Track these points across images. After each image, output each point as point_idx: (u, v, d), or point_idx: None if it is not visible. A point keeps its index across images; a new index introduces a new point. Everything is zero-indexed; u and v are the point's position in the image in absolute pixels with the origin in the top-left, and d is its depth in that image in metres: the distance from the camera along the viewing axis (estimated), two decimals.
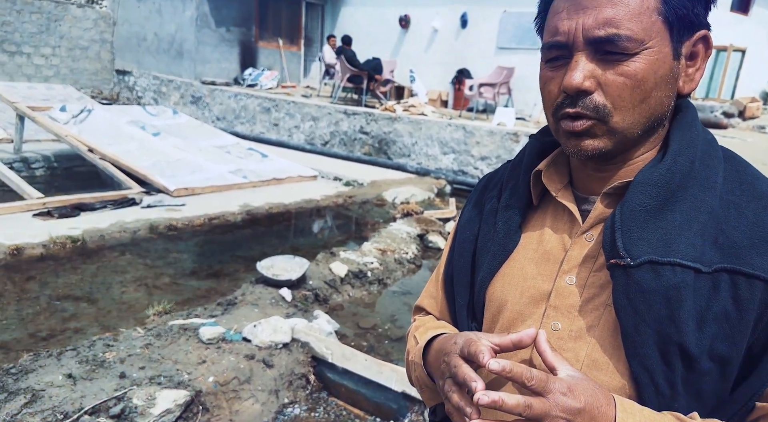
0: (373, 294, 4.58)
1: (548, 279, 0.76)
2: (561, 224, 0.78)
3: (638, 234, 0.67)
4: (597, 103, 0.67)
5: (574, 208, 0.76)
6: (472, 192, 0.95)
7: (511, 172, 0.86)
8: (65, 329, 3.30)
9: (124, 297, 3.80)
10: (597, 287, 0.71)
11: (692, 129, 0.73)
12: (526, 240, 0.81)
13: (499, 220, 0.83)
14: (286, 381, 2.97)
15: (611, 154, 0.71)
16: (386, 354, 3.52)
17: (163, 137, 7.40)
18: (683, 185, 0.68)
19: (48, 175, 6.79)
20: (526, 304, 0.76)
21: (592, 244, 0.73)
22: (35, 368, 2.58)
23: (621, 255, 0.66)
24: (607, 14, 0.65)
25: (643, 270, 0.65)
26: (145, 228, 4.92)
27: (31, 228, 4.46)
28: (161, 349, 2.87)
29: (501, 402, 0.59)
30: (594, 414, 0.60)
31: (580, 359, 0.70)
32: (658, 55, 0.67)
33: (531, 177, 0.81)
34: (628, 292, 0.66)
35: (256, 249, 5.10)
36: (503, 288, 0.80)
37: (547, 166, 0.80)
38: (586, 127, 0.68)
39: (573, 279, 0.73)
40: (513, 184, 0.84)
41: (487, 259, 0.82)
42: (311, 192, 7.09)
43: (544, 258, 0.78)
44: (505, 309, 0.78)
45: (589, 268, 0.73)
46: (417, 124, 8.45)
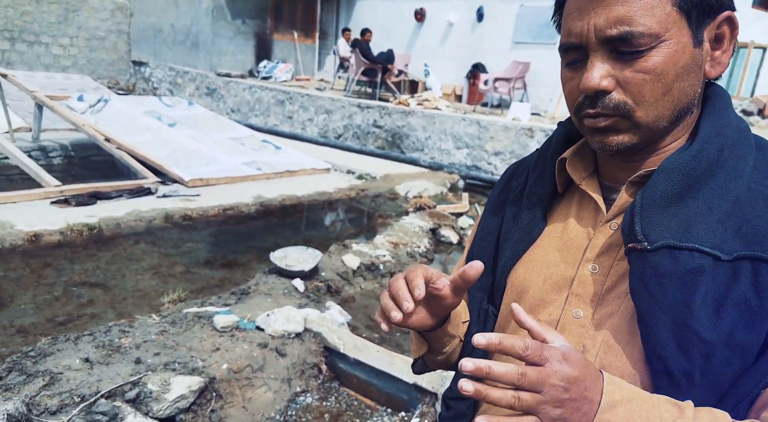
0: (385, 286, 4.59)
1: (571, 267, 0.76)
2: (586, 213, 0.78)
3: (657, 219, 0.66)
4: (617, 101, 0.67)
5: (599, 197, 0.76)
6: (499, 180, 0.96)
7: (538, 160, 0.86)
8: (82, 315, 3.35)
9: (140, 285, 3.85)
10: (619, 276, 0.71)
11: (723, 116, 0.72)
12: (550, 228, 0.81)
13: (524, 208, 0.83)
14: (299, 370, 2.99)
15: (638, 148, 0.71)
16: (397, 346, 3.53)
17: (179, 128, 7.46)
18: (709, 172, 0.67)
19: (65, 163, 6.87)
20: (549, 291, 0.76)
21: (615, 233, 0.73)
22: (53, 351, 2.62)
23: (639, 239, 0.66)
24: (618, 12, 0.64)
25: (660, 254, 0.64)
26: (160, 217, 4.96)
27: (49, 216, 4.53)
28: (176, 336, 2.91)
29: (488, 370, 0.55)
30: (587, 384, 0.58)
31: (597, 345, 0.70)
32: (676, 46, 0.66)
33: (556, 165, 0.81)
34: (643, 276, 0.65)
35: (269, 240, 5.13)
36: (526, 274, 0.80)
37: (572, 154, 0.80)
38: (609, 124, 0.68)
39: (596, 268, 0.73)
40: (539, 172, 0.84)
41: (510, 245, 0.83)
42: (324, 184, 7.11)
43: (567, 245, 0.78)
44: (527, 295, 0.79)
45: (612, 257, 0.73)
46: (431, 118, 8.43)
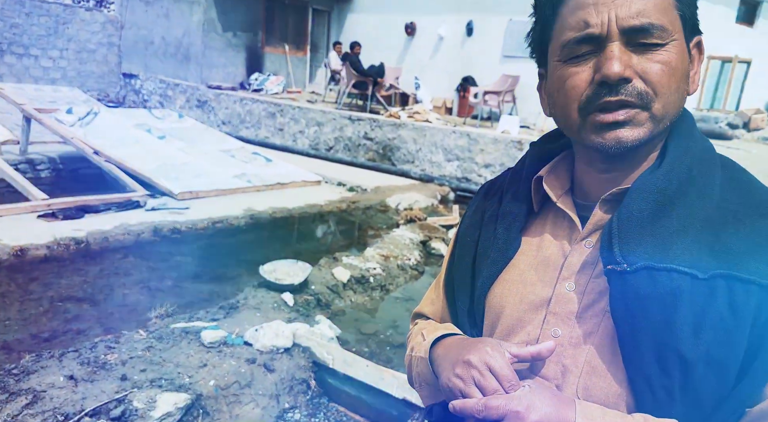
0: (375, 299, 4.57)
1: (548, 286, 0.76)
2: (561, 230, 0.78)
3: (635, 240, 0.67)
4: (640, 89, 0.66)
5: (574, 215, 0.76)
6: (473, 198, 0.95)
7: (513, 179, 0.86)
8: (67, 330, 3.31)
9: (127, 300, 3.81)
10: (596, 293, 0.71)
11: (690, 136, 0.73)
12: (526, 246, 0.81)
13: (499, 226, 0.83)
14: (287, 386, 2.96)
15: (646, 147, 0.71)
16: (387, 360, 3.51)
17: (169, 140, 7.43)
18: (681, 191, 0.68)
19: (53, 176, 6.82)
20: (526, 310, 0.77)
21: (591, 251, 0.73)
22: (37, 369, 2.58)
23: (618, 261, 0.66)
24: (638, 6, 0.66)
25: (639, 275, 0.65)
26: (148, 230, 4.93)
27: (36, 230, 4.48)
28: (162, 352, 2.88)
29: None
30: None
31: (579, 365, 0.70)
32: (681, 48, 0.68)
33: (532, 183, 0.81)
34: (624, 298, 0.66)
35: (259, 254, 5.10)
36: (503, 294, 0.80)
37: (548, 172, 0.80)
38: (629, 116, 0.67)
39: (572, 286, 0.73)
40: (514, 190, 0.84)
41: (486, 265, 0.82)
42: (315, 197, 7.09)
43: (543, 264, 0.78)
44: (503, 315, 0.79)
45: (588, 275, 0.73)
46: (421, 131, 8.47)
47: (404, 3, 12.03)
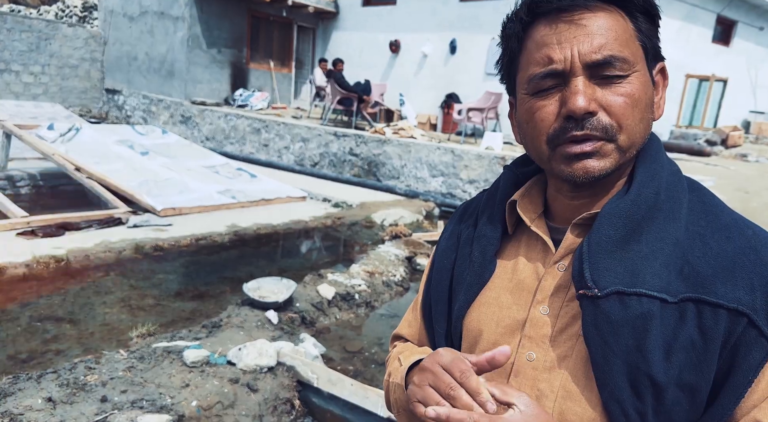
0: (361, 316, 4.55)
1: (523, 309, 0.76)
2: (534, 253, 0.79)
3: (605, 264, 0.68)
4: (604, 123, 0.68)
5: (548, 238, 0.78)
6: (449, 221, 0.96)
7: (487, 202, 0.87)
8: (46, 351, 3.24)
9: (108, 319, 3.74)
10: (570, 317, 0.72)
11: (657, 160, 0.74)
12: (501, 269, 0.81)
13: (474, 249, 0.84)
14: (271, 406, 2.93)
15: (613, 175, 0.72)
16: (372, 378, 3.48)
17: (152, 156, 7.38)
18: (649, 216, 0.69)
19: (33, 193, 6.72)
20: (502, 334, 0.77)
21: (564, 274, 0.74)
22: (14, 391, 2.52)
23: (589, 286, 0.67)
24: (599, 41, 0.67)
25: (610, 300, 0.66)
26: (130, 248, 4.87)
27: (15, 248, 4.40)
28: (144, 372, 2.83)
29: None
30: None
31: (555, 389, 0.71)
32: (644, 78, 0.70)
33: (506, 206, 0.82)
34: (596, 323, 0.67)
35: (243, 271, 5.06)
36: (479, 318, 0.80)
37: (521, 195, 0.82)
38: (596, 148, 0.69)
39: (546, 310, 0.74)
40: (489, 214, 0.85)
41: (463, 289, 0.83)
42: (300, 213, 7.08)
43: (518, 287, 0.78)
44: (481, 339, 0.79)
45: (561, 298, 0.74)
46: (406, 147, 8.52)
47: (388, 21, 12.18)
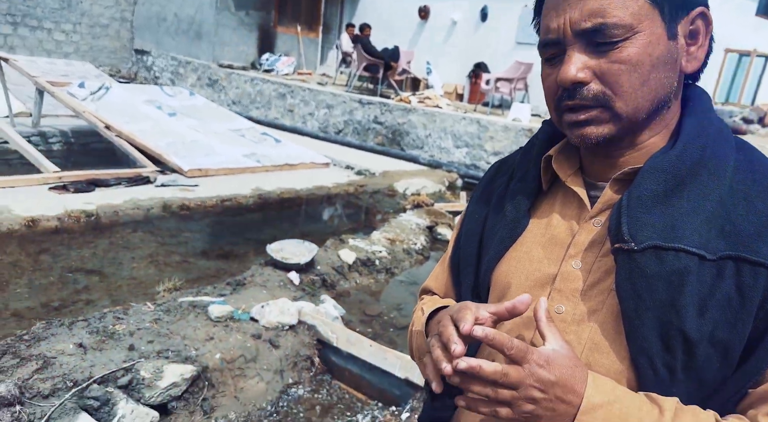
0: (380, 282, 4.61)
1: (554, 263, 0.77)
2: (569, 210, 0.79)
3: (644, 219, 0.67)
4: (595, 91, 0.69)
5: (583, 194, 0.78)
6: (481, 179, 0.97)
7: (522, 158, 0.88)
8: (77, 300, 3.36)
9: (135, 273, 3.85)
10: (602, 272, 0.72)
11: (705, 116, 0.73)
12: (534, 225, 0.82)
13: (508, 205, 0.84)
14: (291, 362, 3.01)
15: (617, 140, 0.72)
16: (391, 342, 3.54)
17: (179, 118, 7.45)
18: (693, 172, 0.69)
19: (65, 150, 6.86)
20: (531, 287, 0.78)
21: (599, 229, 0.74)
22: (47, 336, 2.63)
23: (625, 239, 0.67)
24: (591, 6, 0.66)
25: (646, 255, 0.66)
26: (158, 206, 4.97)
27: (47, 201, 4.53)
28: (170, 324, 2.92)
29: (478, 369, 0.62)
30: (566, 389, 0.63)
31: (582, 342, 0.71)
32: (650, 38, 0.68)
33: (542, 162, 0.82)
34: (631, 277, 0.67)
35: (266, 233, 5.14)
36: (509, 271, 0.81)
37: (557, 151, 0.82)
38: (589, 117, 0.70)
39: (579, 264, 0.75)
40: (524, 170, 0.86)
41: (494, 243, 0.84)
42: (323, 179, 7.11)
43: (551, 242, 0.79)
44: (509, 292, 0.80)
45: (595, 253, 0.74)
46: (431, 116, 8.43)
47: None
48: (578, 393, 0.63)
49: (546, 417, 0.63)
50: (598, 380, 0.65)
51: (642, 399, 0.64)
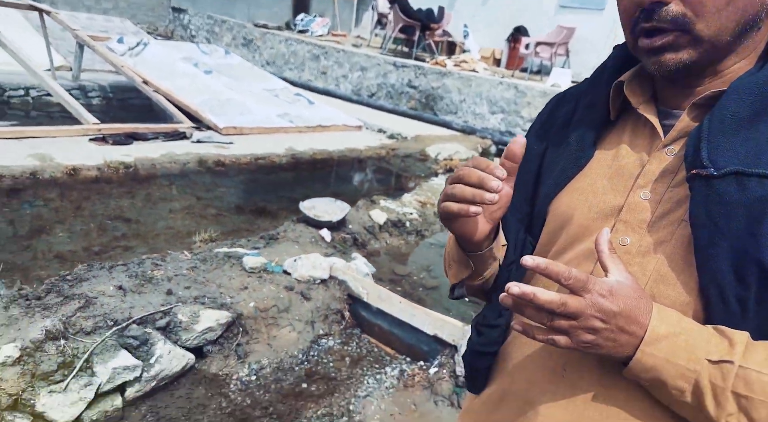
0: (410, 244, 4.61)
1: (620, 194, 0.74)
2: (640, 140, 0.76)
3: (726, 144, 0.63)
4: (674, 12, 0.64)
5: (656, 122, 0.73)
6: (543, 109, 0.92)
7: (590, 86, 0.83)
8: (116, 246, 3.46)
9: (172, 223, 3.94)
10: (673, 202, 0.69)
11: None
12: (600, 155, 0.78)
13: (572, 134, 0.81)
14: (322, 315, 3.05)
15: (698, 66, 0.68)
16: (420, 301, 3.56)
17: (215, 76, 7.47)
18: None
19: (103, 104, 6.98)
20: (594, 219, 0.74)
21: (673, 159, 0.71)
22: (89, 277, 2.72)
23: (704, 164, 0.63)
24: None
25: (726, 181, 0.62)
26: (194, 161, 5.03)
27: (87, 152, 4.63)
28: (206, 273, 2.99)
29: (532, 296, 0.59)
30: (629, 320, 0.60)
31: (647, 273, 0.68)
32: None
33: (612, 89, 0.78)
34: (707, 204, 0.63)
35: (298, 192, 5.17)
36: (570, 203, 0.78)
37: (630, 77, 0.77)
38: (666, 42, 0.66)
39: (648, 194, 0.71)
40: (591, 97, 0.81)
41: (554, 173, 0.81)
42: (355, 141, 7.08)
43: (618, 173, 0.75)
44: (570, 224, 0.77)
45: (666, 183, 0.70)
46: (467, 81, 8.25)
47: None
48: (642, 324, 0.61)
49: (606, 347, 0.61)
50: (663, 311, 0.62)
51: (710, 331, 0.61)
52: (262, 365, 2.65)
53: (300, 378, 2.63)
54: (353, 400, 2.51)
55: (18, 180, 3.94)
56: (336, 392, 2.57)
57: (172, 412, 2.29)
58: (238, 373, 2.56)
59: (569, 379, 0.69)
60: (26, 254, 3.20)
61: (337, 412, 2.42)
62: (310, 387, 2.58)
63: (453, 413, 2.35)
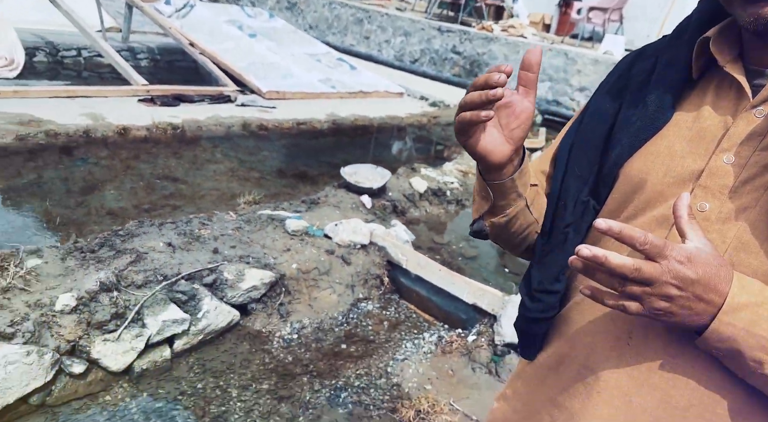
0: (450, 213, 4.58)
1: (701, 158, 0.70)
2: (725, 100, 0.71)
3: None
4: None
5: (744, 81, 0.68)
6: (616, 67, 0.87)
7: (672, 42, 0.78)
8: (165, 205, 3.56)
9: (217, 185, 4.02)
10: (760, 167, 0.65)
11: None
12: (679, 117, 0.74)
13: (650, 94, 0.76)
14: (362, 279, 3.09)
15: None
16: (458, 270, 3.55)
17: (259, 39, 7.47)
18: None
19: (151, 66, 7.09)
20: (670, 184, 0.71)
21: (762, 120, 0.66)
22: (139, 233, 2.82)
23: None
24: None
25: None
26: (238, 124, 5.09)
27: (137, 112, 4.74)
28: (250, 233, 3.05)
29: (604, 259, 0.56)
30: (708, 288, 0.57)
31: (727, 241, 0.65)
32: None
33: (696, 46, 0.72)
34: None
35: (339, 157, 5.19)
36: (644, 167, 0.74)
37: (716, 33, 0.72)
38: None
39: (731, 158, 0.67)
40: (672, 54, 0.76)
41: (628, 134, 0.76)
42: (396, 108, 7.00)
43: (699, 136, 0.71)
44: (643, 189, 0.73)
45: (753, 147, 0.66)
46: (514, 47, 8.00)
47: None
48: (721, 292, 0.58)
49: (681, 315, 0.59)
50: (744, 280, 0.59)
51: None
52: (303, 324, 2.71)
53: (339, 339, 2.69)
54: (391, 363, 2.55)
55: (72, 138, 4.07)
56: (374, 354, 2.61)
57: (218, 365, 2.38)
58: (280, 331, 2.64)
59: (634, 346, 0.67)
60: (80, 210, 3.33)
61: (375, 373, 2.47)
62: (349, 348, 2.64)
63: (491, 380, 2.36)
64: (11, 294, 2.19)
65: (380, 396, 2.33)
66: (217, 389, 2.24)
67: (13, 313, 2.09)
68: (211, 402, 2.17)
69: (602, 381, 0.70)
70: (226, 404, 2.17)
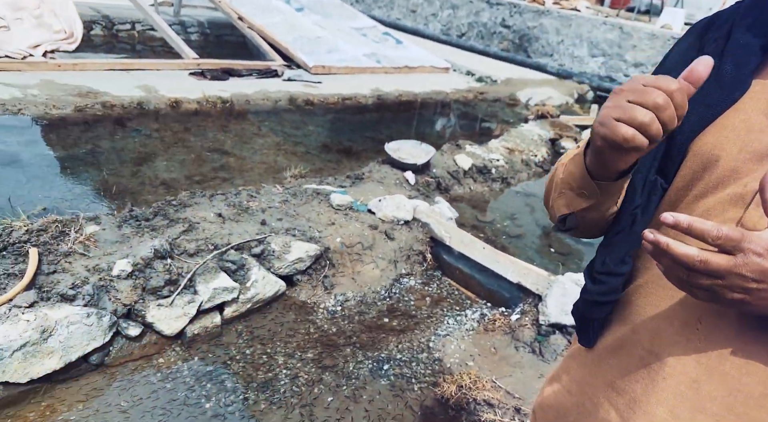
0: (495, 191, 4.52)
1: None
2: None
3: None
4: None
5: None
6: (687, 33, 0.80)
7: (751, 6, 0.72)
8: (215, 177, 3.65)
9: (264, 158, 4.09)
10: None
11: None
12: (758, 87, 0.68)
13: (726, 62, 0.70)
14: (405, 255, 3.10)
15: None
16: (502, 249, 3.51)
17: (306, 13, 7.46)
18: None
19: (201, 40, 7.21)
20: (746, 160, 0.66)
21: None
22: (191, 204, 2.91)
23: None
24: None
25: None
26: (285, 99, 5.14)
27: (187, 85, 4.85)
28: (296, 207, 3.10)
29: (666, 246, 0.54)
30: None
31: None
32: None
33: None
34: None
35: (383, 133, 5.17)
36: (717, 142, 0.69)
37: None
38: None
39: None
40: (752, 20, 0.70)
41: (700, 106, 0.71)
42: (442, 84, 6.91)
43: None
44: (716, 165, 0.68)
45: None
46: (566, 20, 7.71)
47: None
48: None
49: (759, 306, 0.56)
50: None
51: None
52: (347, 297, 2.76)
53: (382, 313, 2.72)
54: (433, 338, 2.57)
55: (126, 109, 4.21)
56: (416, 329, 2.64)
57: (265, 333, 2.45)
58: (324, 303, 2.69)
59: (703, 332, 0.65)
60: (135, 179, 3.46)
61: (417, 347, 2.49)
62: (391, 322, 2.67)
63: (535, 360, 2.35)
64: (72, 258, 2.31)
65: (422, 370, 2.36)
66: (264, 355, 2.32)
67: (74, 277, 2.21)
68: (258, 368, 2.24)
69: (668, 366, 0.67)
70: (272, 370, 2.24)
